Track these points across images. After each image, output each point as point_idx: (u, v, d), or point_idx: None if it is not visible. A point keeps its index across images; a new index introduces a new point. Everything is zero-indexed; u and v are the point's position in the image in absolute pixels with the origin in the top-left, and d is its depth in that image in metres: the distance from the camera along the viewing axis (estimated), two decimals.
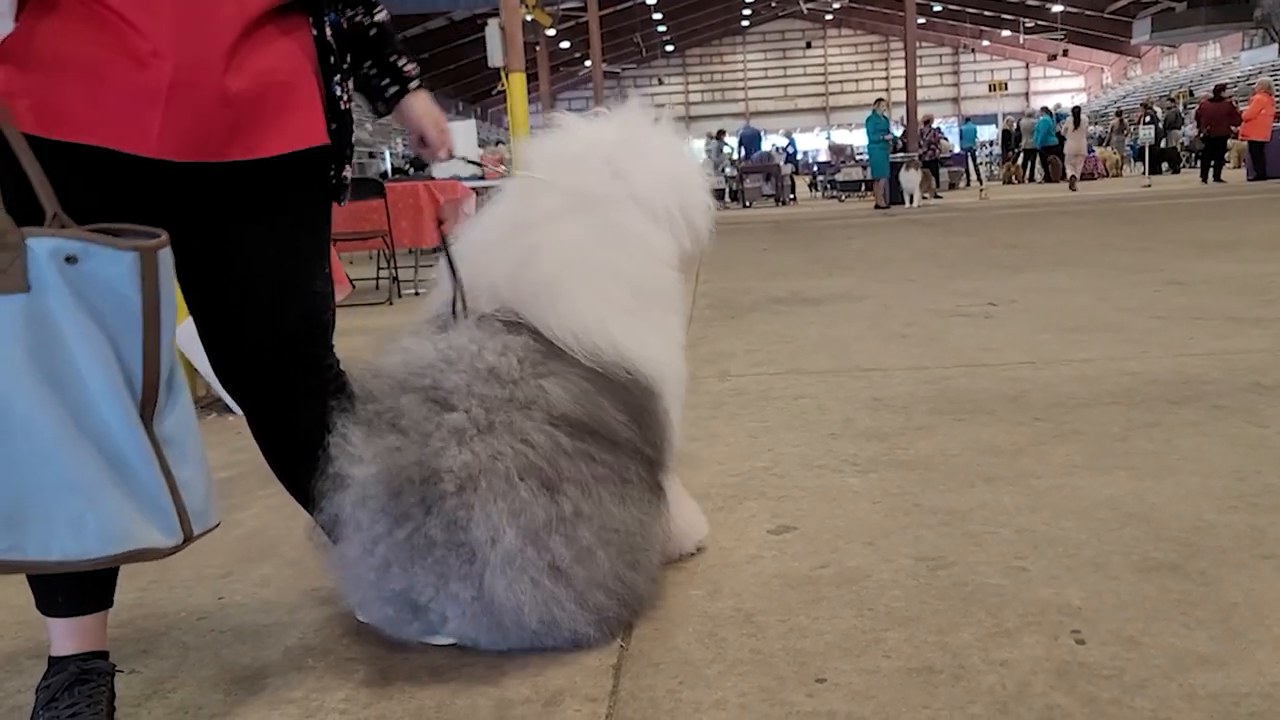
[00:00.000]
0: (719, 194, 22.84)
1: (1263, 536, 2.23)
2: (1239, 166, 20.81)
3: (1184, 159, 25.40)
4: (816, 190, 26.27)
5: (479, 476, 1.78)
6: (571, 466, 1.84)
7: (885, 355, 4.53)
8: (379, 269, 8.16)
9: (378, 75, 1.97)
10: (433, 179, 8.45)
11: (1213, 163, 18.84)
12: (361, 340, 2.11)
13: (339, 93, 1.82)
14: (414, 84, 2.01)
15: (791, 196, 23.71)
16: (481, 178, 9.04)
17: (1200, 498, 2.48)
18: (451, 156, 2.13)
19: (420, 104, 2.03)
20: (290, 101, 1.73)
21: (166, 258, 1.49)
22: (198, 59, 1.58)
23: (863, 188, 22.60)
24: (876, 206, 18.37)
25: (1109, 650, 1.77)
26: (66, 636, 1.70)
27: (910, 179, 18.18)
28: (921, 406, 3.57)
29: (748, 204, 22.66)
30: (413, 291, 8.30)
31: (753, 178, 23.27)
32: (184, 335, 1.93)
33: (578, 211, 2.11)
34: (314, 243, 1.85)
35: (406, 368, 1.91)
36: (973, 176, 25.25)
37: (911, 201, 18.14)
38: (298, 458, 1.91)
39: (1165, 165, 24.16)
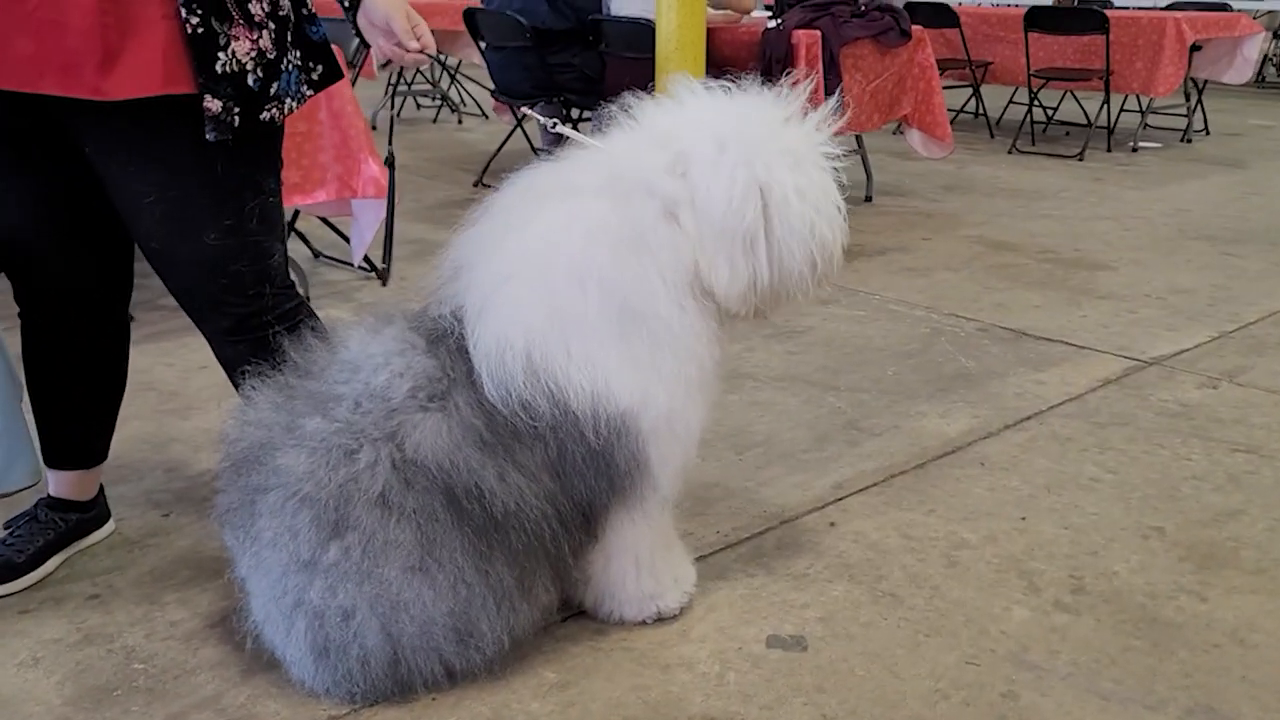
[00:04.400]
0: None
1: None
2: None
3: None
4: None
5: (276, 486, 1.69)
6: (373, 519, 1.64)
7: None
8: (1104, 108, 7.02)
9: None
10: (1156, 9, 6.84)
11: None
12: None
13: (184, 14, 1.64)
14: None
15: None
16: None
17: None
18: (427, 55, 1.84)
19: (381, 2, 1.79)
20: (120, 42, 1.63)
21: None
22: None
23: None
24: None
25: None
26: (49, 481, 2.09)
27: None
28: None
29: None
30: (1130, 146, 7.07)
31: None
32: None
33: (602, 200, 1.74)
34: (194, 192, 1.76)
35: (333, 358, 1.82)
36: None
37: None
38: (224, 368, 1.99)
39: None
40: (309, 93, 1.91)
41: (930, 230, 4.89)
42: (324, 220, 4.13)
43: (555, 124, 1.97)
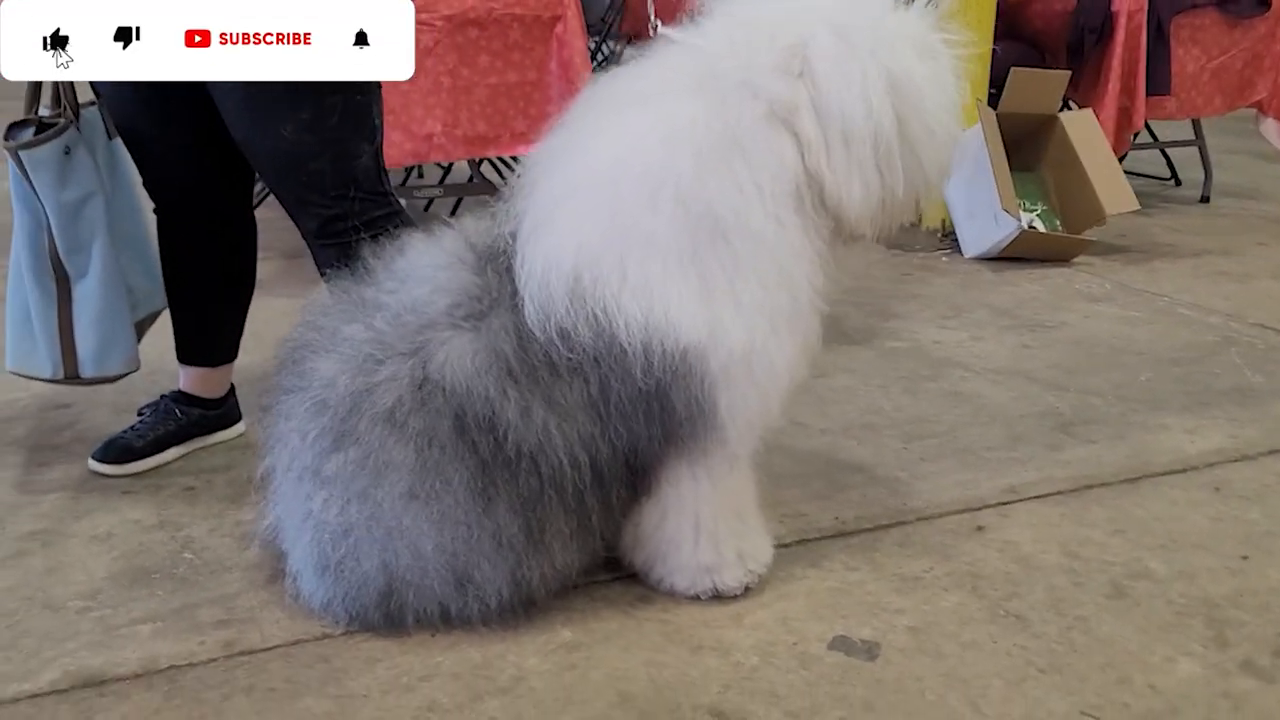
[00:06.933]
0: None
1: None
2: None
3: None
4: None
5: (300, 389, 1.60)
6: (374, 436, 1.51)
7: None
8: None
9: None
10: None
11: None
12: None
13: None
14: None
15: None
16: None
17: None
18: None
19: None
20: None
21: (39, 155, 1.77)
22: None
23: None
24: None
25: None
26: (180, 376, 2.16)
27: None
28: None
29: None
30: None
31: None
32: None
33: (693, 101, 1.52)
34: (270, 82, 1.71)
35: (389, 266, 1.71)
36: None
37: None
38: (318, 270, 1.94)
39: None
40: None
41: (1270, 236, 4.08)
42: None
43: (657, 25, 1.75)
